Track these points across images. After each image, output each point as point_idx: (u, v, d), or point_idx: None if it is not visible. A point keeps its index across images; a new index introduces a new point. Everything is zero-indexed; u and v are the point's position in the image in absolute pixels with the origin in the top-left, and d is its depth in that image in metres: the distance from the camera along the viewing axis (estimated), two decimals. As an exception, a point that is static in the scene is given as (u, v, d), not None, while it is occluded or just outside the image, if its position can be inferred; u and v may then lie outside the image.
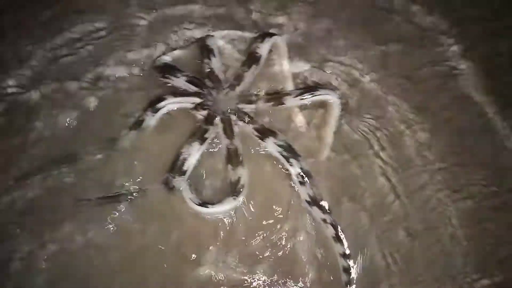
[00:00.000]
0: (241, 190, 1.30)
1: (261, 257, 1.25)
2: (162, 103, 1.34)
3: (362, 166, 1.35)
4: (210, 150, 1.34)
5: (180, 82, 1.38)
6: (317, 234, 1.28)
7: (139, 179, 1.30)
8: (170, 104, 1.35)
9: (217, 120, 1.35)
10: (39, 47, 1.47)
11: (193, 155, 1.29)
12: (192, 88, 1.38)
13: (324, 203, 1.28)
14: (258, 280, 1.24)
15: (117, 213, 1.26)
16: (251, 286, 1.22)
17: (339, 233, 1.26)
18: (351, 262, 1.24)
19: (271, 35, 1.43)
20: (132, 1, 1.56)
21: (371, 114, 1.41)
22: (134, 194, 1.28)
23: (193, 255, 1.24)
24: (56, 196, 1.28)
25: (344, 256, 1.25)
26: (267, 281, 1.23)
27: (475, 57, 1.48)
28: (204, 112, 1.35)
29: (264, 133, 1.34)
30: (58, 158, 1.32)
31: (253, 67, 1.41)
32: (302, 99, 1.37)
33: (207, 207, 1.27)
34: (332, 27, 1.55)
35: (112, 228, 1.25)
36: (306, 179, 1.30)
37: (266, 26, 1.52)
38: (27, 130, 1.36)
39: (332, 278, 1.24)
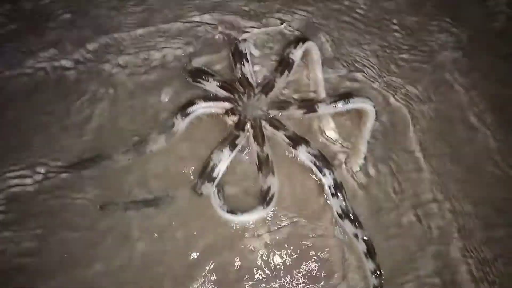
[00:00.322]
0: (272, 199, 1.27)
1: (290, 266, 1.21)
2: (193, 107, 1.31)
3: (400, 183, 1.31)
4: (241, 156, 1.31)
5: (211, 86, 1.36)
6: (347, 249, 1.23)
7: (166, 185, 1.28)
8: (201, 109, 1.32)
9: (248, 126, 1.32)
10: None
11: (223, 161, 1.25)
12: (223, 93, 1.35)
13: (357, 218, 1.23)
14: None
15: (144, 219, 1.24)
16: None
17: (371, 250, 1.21)
18: (382, 281, 1.19)
19: (304, 40, 1.40)
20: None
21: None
22: (162, 200, 1.26)
23: (222, 264, 1.21)
24: (80, 198, 1.26)
25: (375, 274, 1.20)
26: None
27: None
28: (235, 118, 1.32)
29: (296, 140, 1.30)
30: (83, 157, 1.30)
31: (285, 73, 1.37)
32: (336, 106, 1.32)
33: (236, 215, 1.24)
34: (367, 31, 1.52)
35: (138, 234, 1.23)
36: (338, 191, 1.25)
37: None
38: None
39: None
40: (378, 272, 1.20)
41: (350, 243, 1.23)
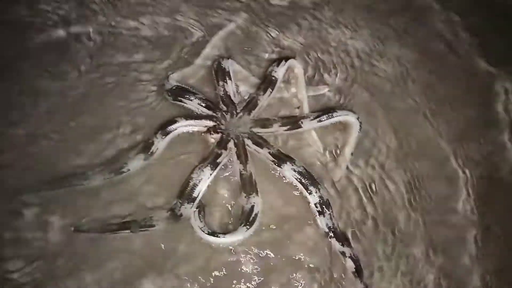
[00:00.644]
0: (255, 219, 1.21)
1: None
2: (173, 126, 1.28)
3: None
4: (222, 176, 1.26)
5: (193, 105, 1.33)
6: (335, 268, 1.17)
7: (144, 206, 1.21)
8: (182, 127, 1.29)
9: (231, 144, 1.28)
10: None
11: (204, 180, 1.20)
12: (205, 111, 1.33)
13: (345, 235, 1.20)
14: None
15: (119, 244, 1.16)
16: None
17: (359, 268, 1.16)
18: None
19: (288, 58, 1.40)
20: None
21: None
22: (139, 222, 1.17)
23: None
24: (50, 221, 1.17)
25: None
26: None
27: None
28: (217, 136, 1.28)
29: (281, 158, 1.26)
30: (56, 177, 1.22)
31: (268, 91, 1.36)
32: (320, 121, 1.31)
33: (218, 237, 1.17)
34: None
35: (113, 261, 1.14)
36: (325, 209, 1.21)
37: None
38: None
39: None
40: None
41: (338, 261, 1.19)
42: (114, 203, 1.20)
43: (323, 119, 1.31)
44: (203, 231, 1.17)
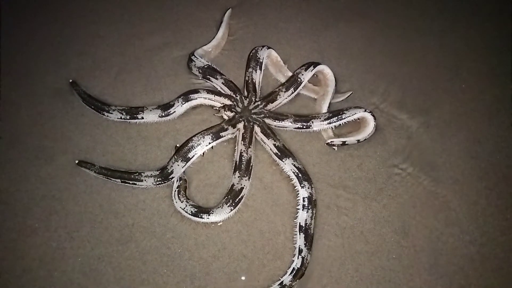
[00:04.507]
0: (240, 200, 1.24)
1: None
2: (195, 95, 1.37)
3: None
4: (223, 152, 1.34)
5: (217, 83, 1.42)
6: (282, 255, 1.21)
7: (142, 159, 1.32)
8: (202, 98, 1.37)
9: (240, 125, 1.33)
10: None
11: (201, 146, 1.27)
12: (227, 91, 1.41)
13: (312, 238, 1.21)
14: None
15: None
16: None
17: (301, 271, 1.17)
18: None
19: (316, 64, 1.44)
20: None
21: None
22: (129, 175, 1.25)
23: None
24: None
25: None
26: None
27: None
28: (230, 114, 1.34)
29: (285, 152, 1.29)
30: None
31: (290, 90, 1.41)
32: (330, 123, 1.34)
33: (202, 217, 1.21)
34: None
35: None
36: (310, 206, 1.22)
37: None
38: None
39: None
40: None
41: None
42: (116, 145, 1.33)
43: (333, 121, 1.34)
44: (186, 212, 1.21)
